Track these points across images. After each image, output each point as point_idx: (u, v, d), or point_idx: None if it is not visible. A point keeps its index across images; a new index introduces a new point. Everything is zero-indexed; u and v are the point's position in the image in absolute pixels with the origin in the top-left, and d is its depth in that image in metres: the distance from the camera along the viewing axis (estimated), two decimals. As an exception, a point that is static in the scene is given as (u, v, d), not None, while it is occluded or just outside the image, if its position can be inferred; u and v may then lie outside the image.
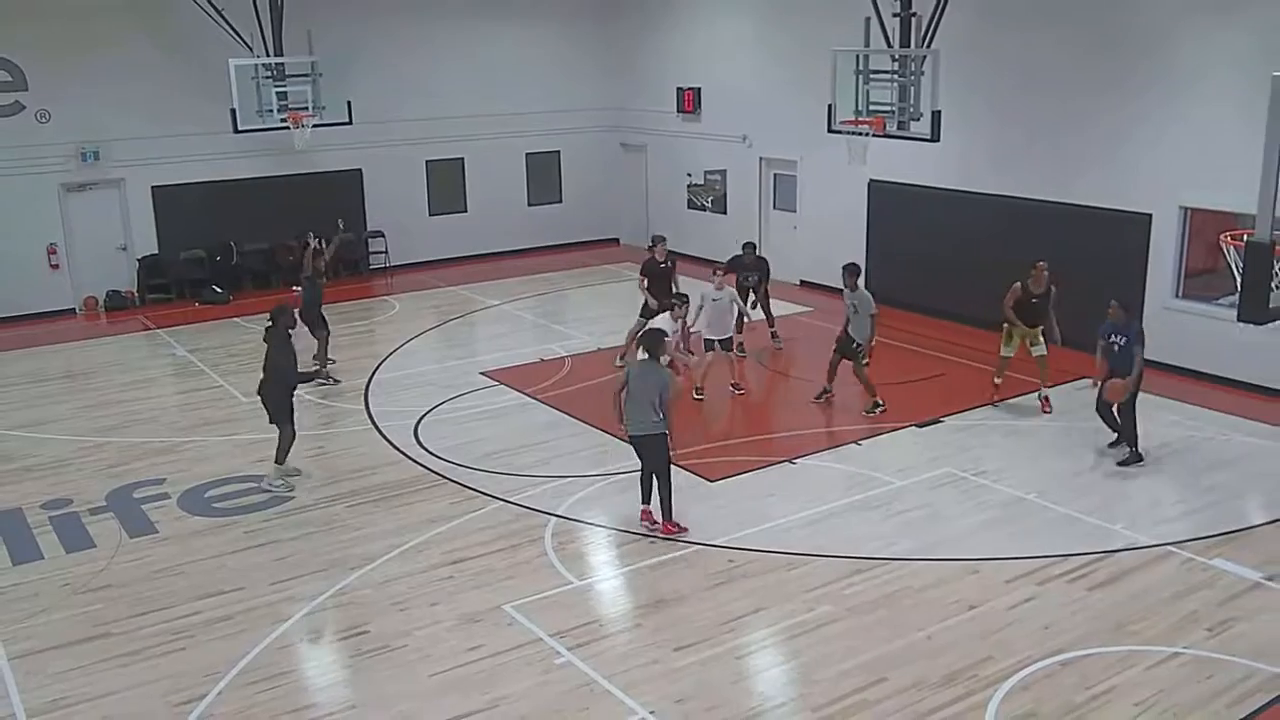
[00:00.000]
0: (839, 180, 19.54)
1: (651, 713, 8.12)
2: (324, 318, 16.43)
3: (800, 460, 12.88)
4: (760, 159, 22.31)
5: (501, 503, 11.93)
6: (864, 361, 14.11)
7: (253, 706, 8.45)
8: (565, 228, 25.26)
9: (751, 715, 8.11)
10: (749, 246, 17.62)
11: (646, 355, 11.00)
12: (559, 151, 25.56)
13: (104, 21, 20.32)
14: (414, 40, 23.18)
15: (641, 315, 16.11)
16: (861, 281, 14.35)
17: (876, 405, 14.21)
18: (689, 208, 24.20)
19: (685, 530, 11.02)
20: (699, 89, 23.39)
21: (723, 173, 23.32)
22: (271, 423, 12.52)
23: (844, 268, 14.41)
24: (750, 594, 9.84)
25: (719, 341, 14.61)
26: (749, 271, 17.10)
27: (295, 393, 12.74)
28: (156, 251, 21.87)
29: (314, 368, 13.32)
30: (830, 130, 16.47)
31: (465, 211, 24.71)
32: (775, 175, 22.23)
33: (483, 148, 24.50)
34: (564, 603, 9.80)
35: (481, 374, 16.39)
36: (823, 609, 9.53)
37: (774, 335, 17.62)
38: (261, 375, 12.58)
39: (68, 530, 11.75)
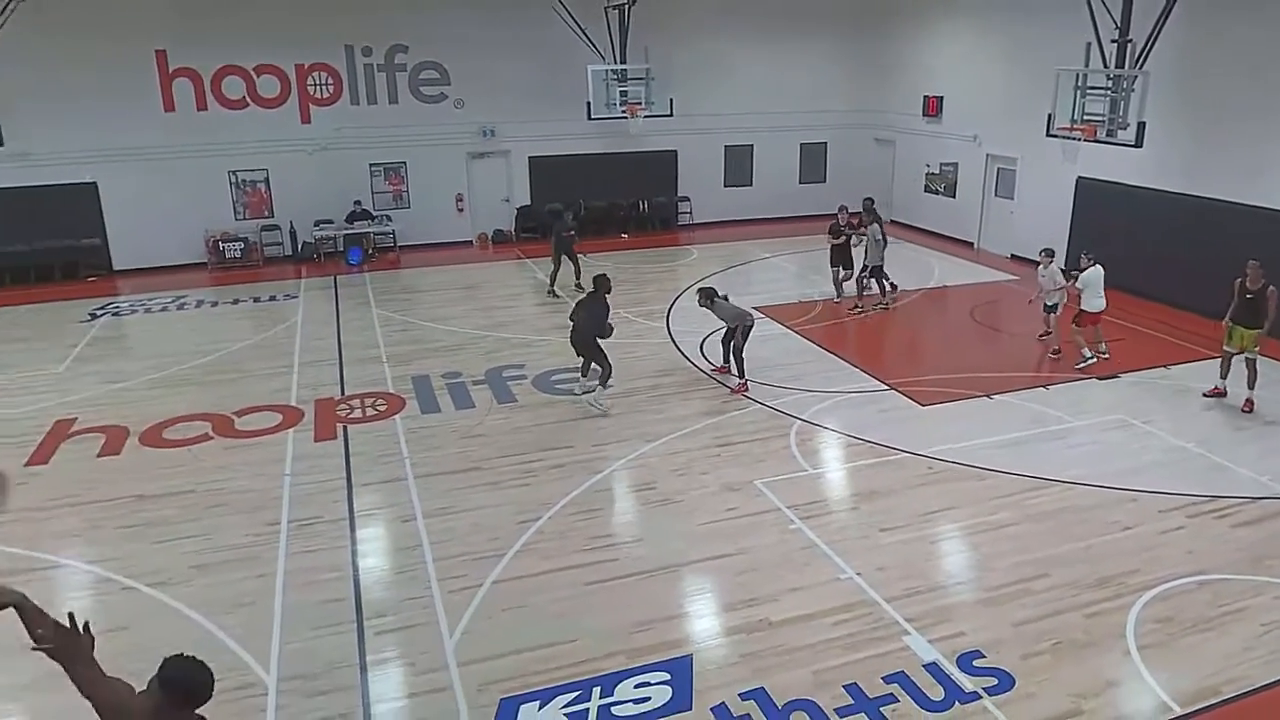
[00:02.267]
0: (1052, 176, 18.17)
1: (857, 574, 8.08)
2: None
3: (997, 396, 12.26)
4: (987, 155, 20.93)
5: (760, 405, 11.98)
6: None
7: (571, 529, 8.93)
8: (827, 201, 24.65)
9: (936, 586, 7.94)
10: (867, 201, 17.40)
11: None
12: (826, 142, 24.86)
13: (502, 36, 21.19)
14: (720, 53, 22.98)
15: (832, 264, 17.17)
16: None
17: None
18: (925, 191, 23.09)
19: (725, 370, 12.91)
20: (941, 96, 22.16)
21: (955, 164, 22.07)
22: (581, 357, 12.00)
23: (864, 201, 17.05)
24: (945, 495, 9.52)
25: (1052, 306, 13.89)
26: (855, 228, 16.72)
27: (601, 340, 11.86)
28: (529, 203, 22.89)
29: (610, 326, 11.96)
30: (1048, 135, 15.28)
31: (750, 185, 24.51)
32: (999, 169, 20.83)
33: (767, 137, 24.14)
34: (800, 484, 9.81)
35: (753, 308, 16.34)
36: (1003, 514, 9.12)
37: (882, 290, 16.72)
38: (572, 327, 12.03)
39: (458, 394, 12.61)
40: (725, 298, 13.09)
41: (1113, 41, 14.34)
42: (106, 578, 8.33)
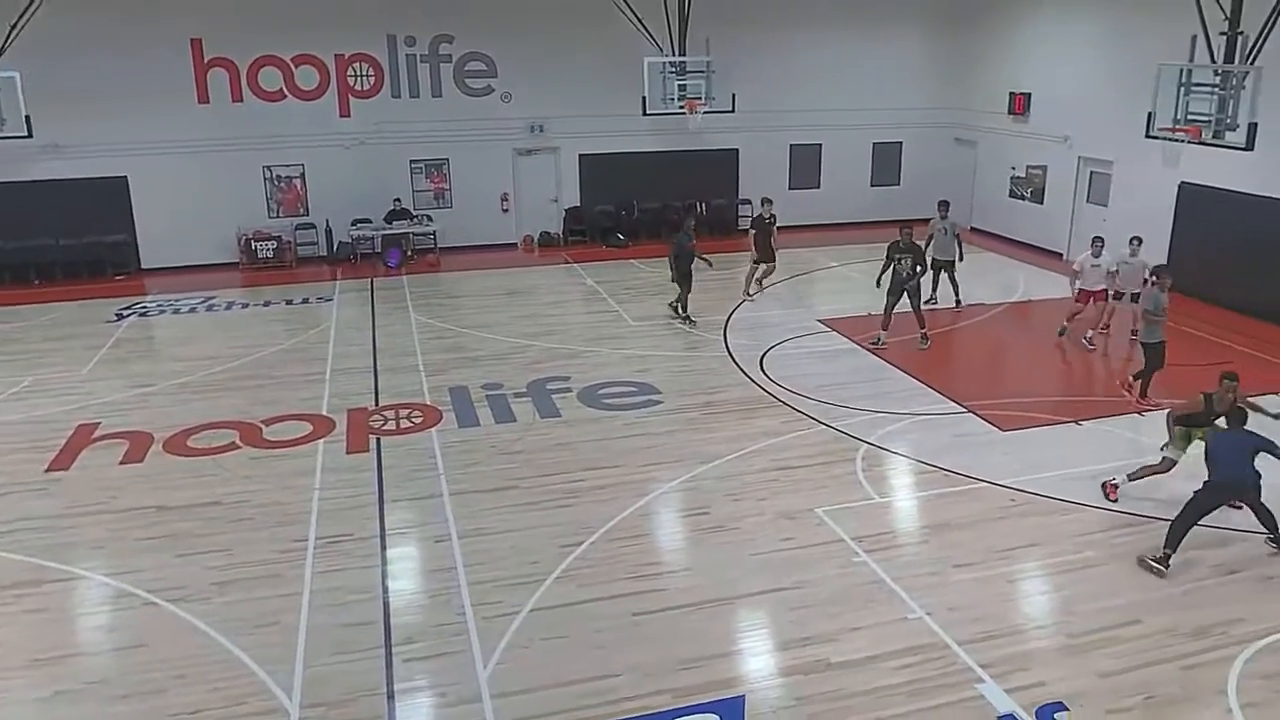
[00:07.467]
0: (1151, 180, 17.82)
1: (927, 613, 7.95)
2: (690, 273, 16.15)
3: (1086, 422, 12.00)
4: (1079, 158, 20.57)
5: (824, 426, 11.88)
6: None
7: (615, 557, 8.91)
8: (900, 206, 24.41)
9: (1012, 631, 7.78)
10: (905, 232, 15.65)
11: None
12: (901, 142, 24.67)
13: (554, 26, 21.39)
14: (787, 45, 22.94)
15: (754, 260, 17.82)
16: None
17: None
18: (1010, 196, 22.76)
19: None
20: (1029, 94, 21.85)
21: (1043, 168, 21.73)
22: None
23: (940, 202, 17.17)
24: (1025, 530, 9.35)
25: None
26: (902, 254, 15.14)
27: None
28: (578, 204, 23.06)
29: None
30: (1148, 136, 14.96)
31: (818, 188, 24.37)
32: (1092, 173, 20.47)
33: (837, 136, 24.02)
34: (865, 514, 9.70)
35: (818, 320, 16.30)
36: (1090, 553, 8.92)
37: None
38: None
39: (498, 407, 12.69)
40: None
41: (1221, 34, 14.02)
42: (127, 591, 8.52)
